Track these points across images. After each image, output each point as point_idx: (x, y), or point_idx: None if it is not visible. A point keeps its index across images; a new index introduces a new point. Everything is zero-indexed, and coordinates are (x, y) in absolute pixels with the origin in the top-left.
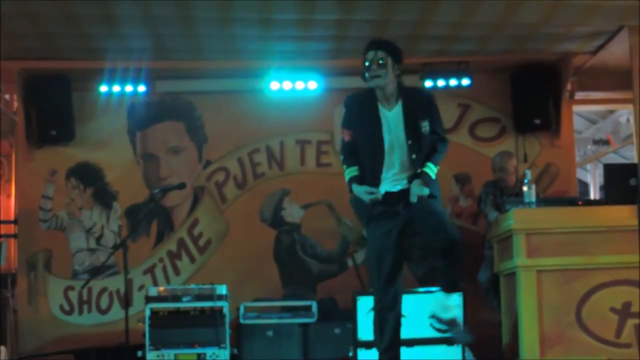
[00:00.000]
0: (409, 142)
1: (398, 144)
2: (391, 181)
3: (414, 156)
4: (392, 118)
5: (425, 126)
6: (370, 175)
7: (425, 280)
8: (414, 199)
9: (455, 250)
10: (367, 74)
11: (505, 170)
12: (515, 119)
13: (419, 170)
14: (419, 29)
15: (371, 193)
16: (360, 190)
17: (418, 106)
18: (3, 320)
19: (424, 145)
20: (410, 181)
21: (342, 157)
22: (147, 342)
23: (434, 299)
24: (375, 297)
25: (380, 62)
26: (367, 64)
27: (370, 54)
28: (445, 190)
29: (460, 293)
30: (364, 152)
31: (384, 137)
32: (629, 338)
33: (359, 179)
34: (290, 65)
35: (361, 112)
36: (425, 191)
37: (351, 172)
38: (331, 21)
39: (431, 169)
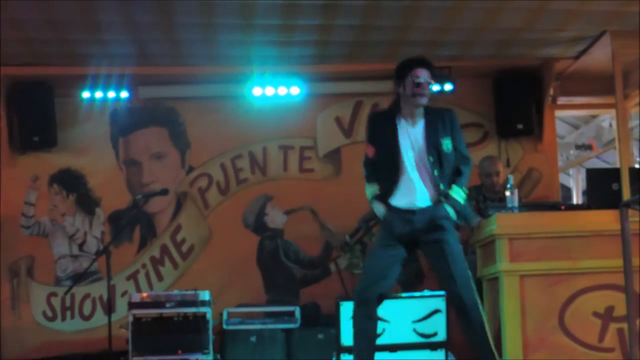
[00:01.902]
0: (430, 158)
1: (422, 160)
2: (413, 197)
3: (436, 172)
4: (415, 133)
5: (447, 144)
6: (386, 190)
7: (408, 285)
8: (443, 221)
9: (469, 312)
10: (413, 91)
11: (494, 174)
12: (498, 124)
13: (445, 193)
14: (402, 34)
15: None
16: (380, 211)
17: (442, 123)
18: None
19: (446, 163)
20: (435, 200)
21: (365, 173)
22: (130, 348)
23: None
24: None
25: (432, 83)
26: (417, 81)
27: (423, 73)
28: None
29: (443, 298)
30: (382, 167)
31: (402, 153)
32: (611, 342)
33: (382, 198)
34: (273, 71)
35: (382, 127)
36: (452, 214)
37: (374, 189)
38: (314, 26)
39: (457, 192)
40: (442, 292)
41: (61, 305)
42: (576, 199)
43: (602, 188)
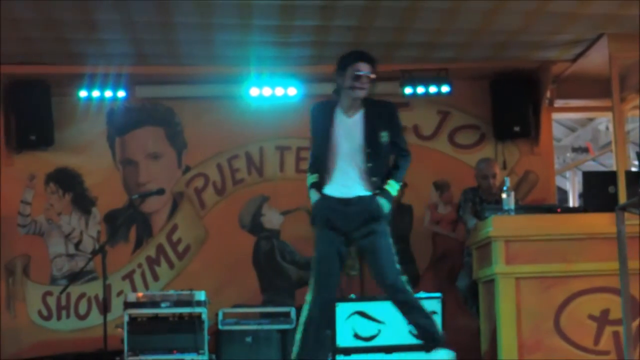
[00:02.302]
0: (367, 150)
1: (356, 151)
2: (346, 187)
3: (370, 164)
4: (351, 125)
5: (384, 136)
6: (322, 179)
7: None
8: (376, 214)
9: (406, 299)
10: (352, 84)
11: (490, 176)
12: (495, 126)
13: (380, 187)
14: (399, 36)
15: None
16: (315, 199)
17: (379, 116)
18: None
19: (382, 155)
20: (369, 192)
21: (309, 164)
22: (126, 348)
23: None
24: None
25: (371, 77)
26: (357, 74)
27: (364, 67)
28: (425, 197)
29: (439, 300)
30: (319, 157)
31: (337, 144)
32: (607, 345)
33: (319, 186)
34: (270, 72)
35: (321, 119)
36: (387, 208)
37: (313, 178)
38: (311, 27)
39: (393, 187)
40: (438, 294)
41: (57, 304)
42: (572, 201)
43: (599, 191)
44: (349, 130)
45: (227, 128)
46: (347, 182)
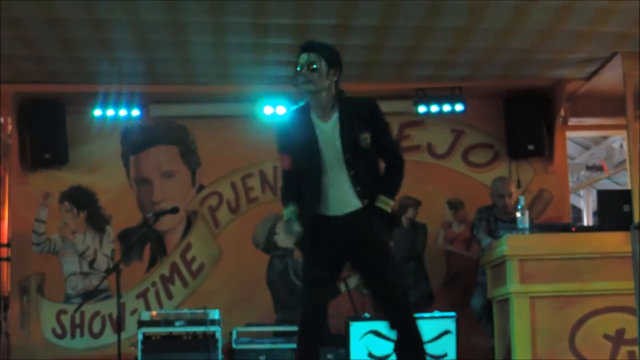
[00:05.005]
0: (346, 156)
1: (337, 160)
2: (337, 203)
3: (352, 172)
4: (328, 130)
5: (366, 138)
6: (311, 198)
7: (418, 306)
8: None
9: (408, 326)
10: (298, 80)
11: (506, 195)
12: (509, 145)
13: (373, 206)
14: (413, 55)
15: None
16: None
17: (357, 116)
18: None
19: (365, 161)
20: (358, 207)
21: (282, 189)
22: None
23: None
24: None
25: (314, 66)
26: (298, 69)
27: (303, 58)
28: (439, 215)
29: (454, 319)
30: (302, 173)
31: (320, 154)
32: None
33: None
34: (283, 90)
35: (296, 129)
36: (380, 227)
37: (289, 213)
38: None
39: (386, 203)
40: (452, 313)
41: (71, 322)
42: (587, 220)
43: (613, 209)
44: (327, 136)
45: (241, 147)
46: (336, 197)
